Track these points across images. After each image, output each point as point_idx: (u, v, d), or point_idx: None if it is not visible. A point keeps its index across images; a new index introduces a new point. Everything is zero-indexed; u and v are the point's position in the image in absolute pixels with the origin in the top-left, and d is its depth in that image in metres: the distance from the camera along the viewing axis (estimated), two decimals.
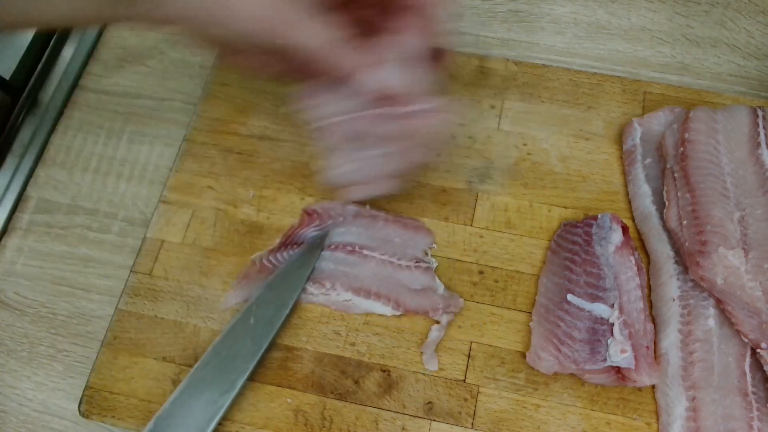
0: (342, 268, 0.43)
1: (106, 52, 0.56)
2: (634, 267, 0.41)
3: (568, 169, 0.47)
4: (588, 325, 0.39)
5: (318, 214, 0.45)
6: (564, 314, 0.40)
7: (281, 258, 0.44)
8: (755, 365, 0.39)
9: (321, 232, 0.44)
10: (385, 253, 0.44)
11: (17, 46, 0.55)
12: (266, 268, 0.44)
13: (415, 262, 0.44)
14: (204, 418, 0.38)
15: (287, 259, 0.43)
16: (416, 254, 0.44)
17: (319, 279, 0.43)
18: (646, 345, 0.39)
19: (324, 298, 0.43)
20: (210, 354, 0.40)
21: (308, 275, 0.43)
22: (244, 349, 0.40)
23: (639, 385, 0.38)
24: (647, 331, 0.39)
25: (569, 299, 0.40)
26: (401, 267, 0.43)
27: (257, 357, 0.40)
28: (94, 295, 0.47)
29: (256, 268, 0.44)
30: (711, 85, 0.52)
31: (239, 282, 0.44)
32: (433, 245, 0.44)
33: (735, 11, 0.55)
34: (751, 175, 0.42)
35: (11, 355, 0.46)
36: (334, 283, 0.43)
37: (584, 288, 0.40)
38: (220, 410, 0.39)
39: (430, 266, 0.43)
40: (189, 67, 0.55)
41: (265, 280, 0.43)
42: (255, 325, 0.41)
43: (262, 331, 0.41)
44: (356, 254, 0.44)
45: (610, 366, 0.37)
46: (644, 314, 0.40)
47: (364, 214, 0.45)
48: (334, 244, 0.44)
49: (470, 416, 0.40)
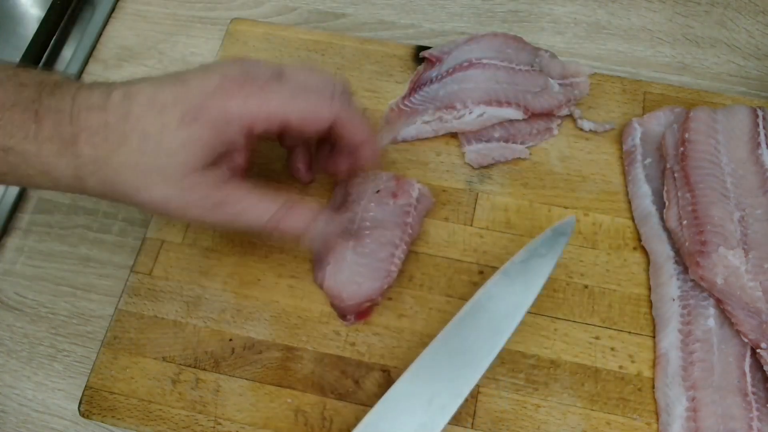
0: (466, 85, 0.46)
1: (106, 52, 0.56)
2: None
3: (568, 169, 0.47)
4: None
5: (437, 57, 0.48)
6: None
7: (414, 101, 0.47)
8: (755, 365, 0.39)
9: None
10: (503, 60, 0.47)
11: (17, 46, 0.55)
12: (404, 111, 0.47)
13: (530, 67, 0.47)
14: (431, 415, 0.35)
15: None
16: (528, 59, 0.47)
17: (451, 103, 0.45)
18: None
19: (457, 122, 0.45)
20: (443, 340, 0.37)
21: (550, 272, 0.38)
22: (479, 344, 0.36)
23: None
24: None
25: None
26: (520, 71, 0.46)
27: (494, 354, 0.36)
28: (94, 295, 0.47)
29: (395, 113, 0.48)
30: (711, 85, 0.52)
31: (383, 128, 0.47)
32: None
33: (735, 11, 0.55)
34: (751, 175, 0.42)
35: (11, 355, 0.46)
36: (465, 102, 0.45)
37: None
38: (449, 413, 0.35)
39: (543, 68, 0.47)
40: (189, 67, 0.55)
41: (504, 266, 0.38)
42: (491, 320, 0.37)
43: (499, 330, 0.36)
44: (476, 66, 0.46)
45: None
46: None
47: (475, 35, 0.49)
48: (453, 67, 0.47)
49: (470, 416, 0.40)
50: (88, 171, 0.34)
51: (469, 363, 0.36)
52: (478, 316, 0.37)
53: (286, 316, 0.43)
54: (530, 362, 0.41)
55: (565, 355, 0.41)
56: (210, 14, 0.58)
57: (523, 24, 0.56)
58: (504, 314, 0.37)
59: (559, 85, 0.47)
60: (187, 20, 0.57)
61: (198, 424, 0.40)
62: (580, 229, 0.45)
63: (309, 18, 0.57)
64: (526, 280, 0.37)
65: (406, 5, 0.57)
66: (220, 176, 0.36)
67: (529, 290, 0.37)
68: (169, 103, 0.34)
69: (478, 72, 0.46)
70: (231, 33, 0.52)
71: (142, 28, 0.57)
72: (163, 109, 0.34)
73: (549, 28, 0.55)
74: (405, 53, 0.51)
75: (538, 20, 0.56)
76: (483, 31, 0.53)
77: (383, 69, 0.50)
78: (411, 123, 0.47)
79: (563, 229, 0.39)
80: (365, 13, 0.57)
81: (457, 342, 0.36)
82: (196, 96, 0.34)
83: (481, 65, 0.46)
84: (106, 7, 0.58)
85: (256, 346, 0.42)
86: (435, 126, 0.46)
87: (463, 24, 0.56)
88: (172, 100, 0.34)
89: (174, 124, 0.34)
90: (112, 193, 0.35)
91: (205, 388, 0.41)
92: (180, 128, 0.34)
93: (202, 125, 0.34)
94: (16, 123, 0.33)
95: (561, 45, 0.55)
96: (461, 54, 0.47)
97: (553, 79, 0.47)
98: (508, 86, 0.46)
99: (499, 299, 0.37)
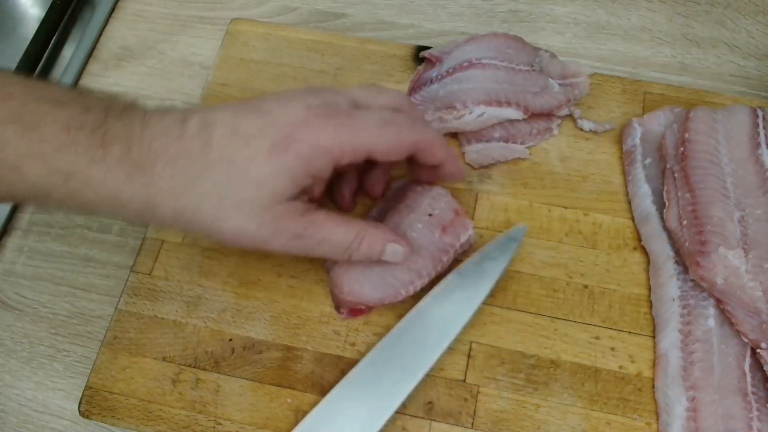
0: (466, 85, 0.45)
1: (106, 52, 0.56)
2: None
3: (568, 169, 0.47)
4: None
5: (437, 57, 0.48)
6: None
7: (414, 101, 0.47)
8: (755, 365, 0.39)
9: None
10: (503, 60, 0.46)
11: (17, 46, 0.55)
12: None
13: (530, 67, 0.47)
14: (384, 400, 0.38)
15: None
16: (528, 59, 0.47)
17: (450, 103, 0.45)
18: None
19: (457, 122, 0.45)
20: (395, 336, 0.40)
21: (505, 268, 0.41)
22: (431, 336, 0.39)
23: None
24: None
25: None
26: (520, 71, 0.46)
27: (442, 347, 0.39)
28: (94, 295, 0.47)
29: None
30: (711, 85, 0.52)
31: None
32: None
33: (735, 11, 0.55)
34: (751, 175, 0.42)
35: (11, 355, 0.46)
36: (465, 102, 0.44)
37: None
38: (401, 395, 0.38)
39: (543, 68, 0.47)
40: (189, 67, 0.55)
41: (459, 267, 0.41)
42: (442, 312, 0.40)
43: (451, 322, 0.40)
44: (476, 66, 0.46)
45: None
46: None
47: (476, 35, 0.48)
48: (453, 67, 0.46)
49: (470, 416, 0.40)
50: (162, 200, 0.33)
51: (419, 354, 0.39)
52: (431, 312, 0.40)
53: (286, 316, 0.43)
54: (530, 362, 0.41)
55: (565, 355, 0.41)
56: (210, 14, 0.58)
57: (523, 24, 0.56)
58: (456, 310, 0.40)
59: (559, 85, 0.47)
60: (187, 20, 0.57)
61: (198, 424, 0.40)
62: (580, 229, 0.45)
63: (309, 18, 0.57)
64: (477, 280, 0.41)
65: (406, 5, 0.57)
66: (303, 207, 0.35)
67: (480, 289, 0.40)
68: (254, 133, 0.33)
69: (478, 72, 0.46)
70: (231, 33, 0.52)
71: (142, 28, 0.57)
72: (249, 139, 0.33)
73: (549, 28, 0.55)
74: (405, 53, 0.51)
75: (538, 20, 0.56)
76: (483, 31, 0.53)
77: (383, 69, 0.50)
78: None
79: (515, 235, 0.42)
80: (365, 13, 0.57)
81: (411, 335, 0.40)
82: (283, 127, 0.34)
83: (481, 65, 0.46)
84: (106, 7, 0.58)
85: (256, 346, 0.42)
86: (435, 126, 0.46)
87: (463, 24, 0.56)
88: (257, 130, 0.34)
89: (263, 154, 0.33)
90: (186, 222, 0.34)
91: (205, 388, 0.41)
92: (269, 159, 0.33)
93: (293, 157, 0.33)
94: (81, 147, 0.31)
95: (561, 45, 0.55)
96: (461, 54, 0.47)
97: (553, 79, 0.47)
98: (508, 86, 0.46)
99: (453, 296, 0.40)
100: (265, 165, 0.33)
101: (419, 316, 0.40)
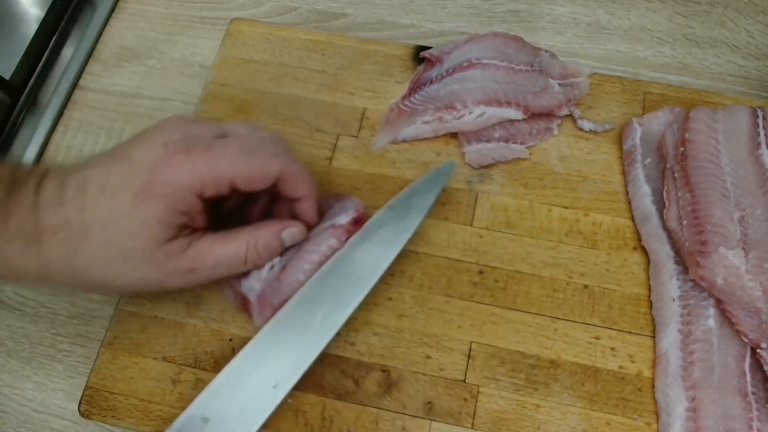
0: (466, 85, 0.46)
1: (106, 52, 0.56)
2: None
3: (568, 169, 0.47)
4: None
5: (437, 57, 0.48)
6: None
7: (415, 101, 0.47)
8: (755, 365, 0.39)
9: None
10: (503, 60, 0.47)
11: (17, 46, 0.55)
12: (404, 111, 0.47)
13: (530, 67, 0.47)
14: (318, 332, 0.39)
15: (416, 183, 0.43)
16: (528, 59, 0.47)
17: (450, 103, 0.45)
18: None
19: (457, 122, 0.45)
20: (327, 271, 0.40)
21: (434, 201, 0.42)
22: (363, 269, 0.40)
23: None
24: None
25: None
26: (520, 71, 0.46)
27: (375, 278, 0.40)
28: (94, 295, 0.47)
29: (395, 113, 0.47)
30: (711, 85, 0.52)
31: (383, 128, 0.47)
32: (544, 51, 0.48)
33: (735, 11, 0.55)
34: (751, 175, 0.42)
35: (11, 355, 0.46)
36: (465, 102, 0.45)
37: None
38: (335, 327, 0.39)
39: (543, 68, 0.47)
40: (189, 67, 0.55)
41: (389, 202, 0.42)
42: (373, 247, 0.41)
43: (382, 254, 0.40)
44: (476, 66, 0.46)
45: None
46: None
47: (475, 35, 0.48)
48: (453, 67, 0.47)
49: (470, 416, 0.40)
50: (56, 269, 0.34)
51: (352, 287, 0.40)
52: (367, 243, 0.41)
53: None
54: (530, 362, 0.41)
55: (565, 355, 0.41)
56: (210, 14, 0.58)
57: (523, 24, 0.56)
58: (388, 240, 0.41)
59: (559, 85, 0.47)
60: (187, 20, 0.57)
61: None
62: (580, 229, 0.45)
63: (309, 18, 0.57)
64: (408, 214, 0.42)
65: (406, 5, 0.57)
66: (185, 242, 0.36)
67: (410, 223, 0.41)
68: (120, 184, 0.34)
69: (478, 72, 0.46)
70: (231, 33, 0.52)
71: (142, 28, 0.57)
72: (115, 192, 0.34)
73: (549, 28, 0.55)
74: (405, 53, 0.51)
75: (538, 20, 0.56)
76: (483, 31, 0.53)
77: (383, 69, 0.50)
78: (411, 123, 0.47)
79: (444, 170, 0.43)
80: (365, 13, 0.57)
81: (342, 270, 0.40)
82: (142, 171, 0.34)
83: (481, 65, 0.46)
84: (106, 7, 0.58)
85: None
86: (435, 126, 0.46)
87: (463, 24, 0.56)
88: (121, 181, 0.34)
89: (128, 207, 0.34)
90: (84, 285, 0.36)
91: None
92: (135, 209, 0.34)
93: (156, 202, 0.34)
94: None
95: (561, 45, 0.55)
96: (461, 54, 0.47)
97: (553, 79, 0.47)
98: (508, 86, 0.46)
99: (385, 228, 0.41)
100: (134, 216, 0.34)
101: (350, 251, 0.40)
